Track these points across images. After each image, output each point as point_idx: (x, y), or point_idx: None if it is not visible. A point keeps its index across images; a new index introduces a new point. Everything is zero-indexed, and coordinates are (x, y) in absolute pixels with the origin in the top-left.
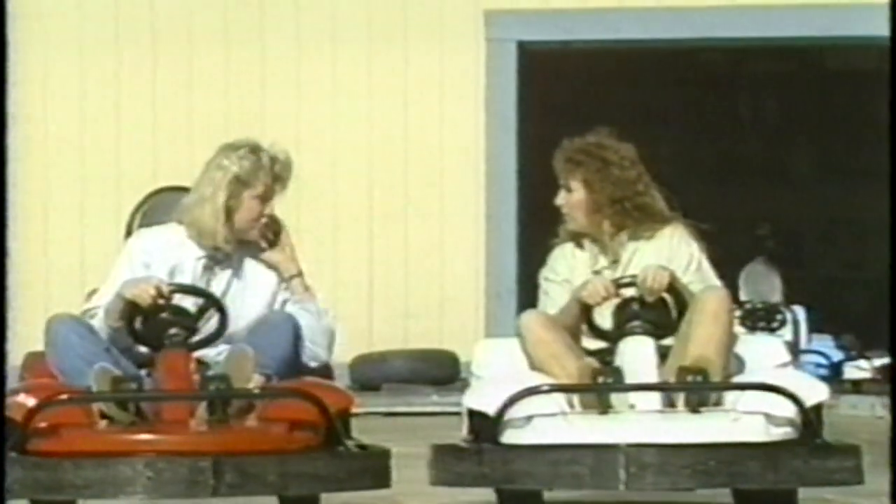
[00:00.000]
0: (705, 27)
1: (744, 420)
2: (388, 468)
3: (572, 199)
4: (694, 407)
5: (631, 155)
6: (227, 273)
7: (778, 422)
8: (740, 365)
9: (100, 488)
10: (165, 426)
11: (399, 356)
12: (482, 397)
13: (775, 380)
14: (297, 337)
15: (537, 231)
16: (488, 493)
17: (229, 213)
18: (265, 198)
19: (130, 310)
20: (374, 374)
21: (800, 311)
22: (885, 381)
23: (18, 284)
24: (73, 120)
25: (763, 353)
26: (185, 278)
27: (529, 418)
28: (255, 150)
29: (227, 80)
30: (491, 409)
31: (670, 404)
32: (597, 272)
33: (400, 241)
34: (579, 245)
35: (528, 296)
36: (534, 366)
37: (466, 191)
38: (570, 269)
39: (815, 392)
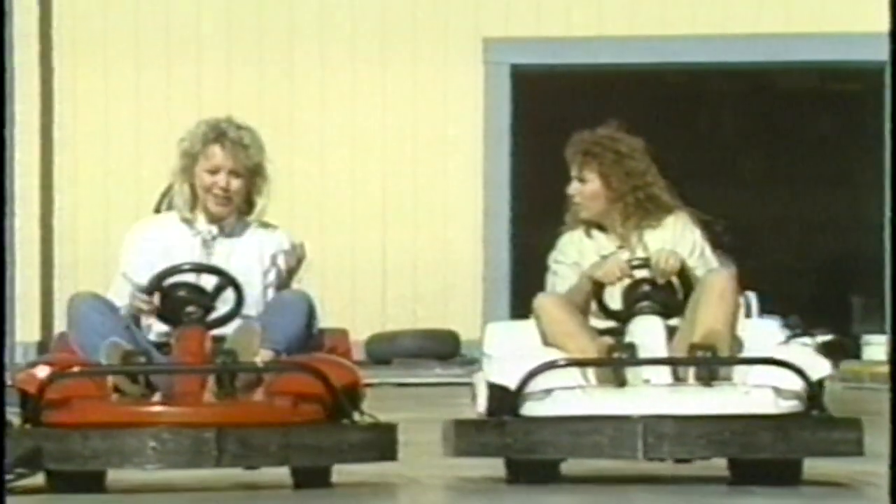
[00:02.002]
0: (671, 53)
1: (754, 393)
2: (395, 441)
3: (587, 189)
4: (705, 381)
5: (641, 147)
6: (222, 250)
7: (785, 395)
8: (740, 345)
9: (106, 458)
10: (173, 399)
11: (408, 335)
12: (503, 372)
13: (782, 356)
14: (310, 315)
15: (528, 227)
16: (494, 467)
17: (193, 188)
18: (215, 169)
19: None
20: (386, 349)
21: (752, 296)
22: (827, 356)
23: (82, 268)
24: (130, 125)
25: (762, 334)
26: (184, 259)
27: (549, 391)
28: (201, 123)
29: (260, 93)
30: (512, 383)
31: (680, 379)
32: (604, 257)
33: (409, 236)
34: (587, 232)
35: (519, 283)
36: (547, 343)
37: (467, 192)
38: (579, 254)
39: (818, 367)
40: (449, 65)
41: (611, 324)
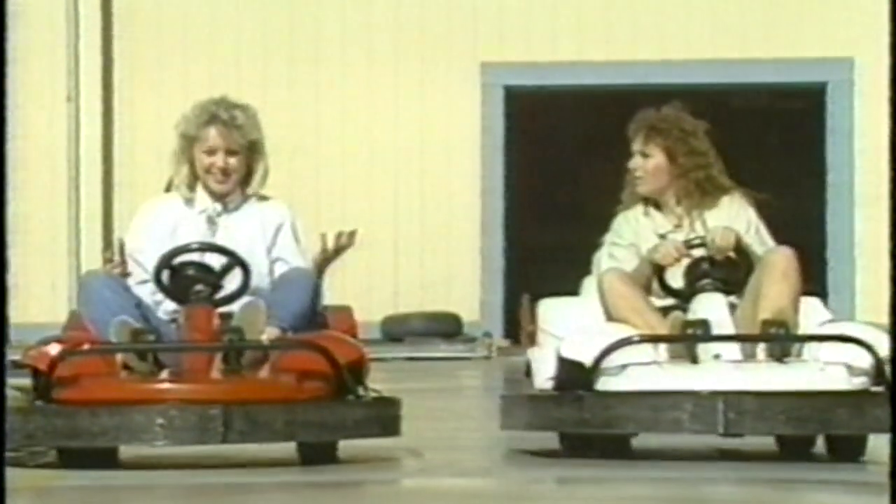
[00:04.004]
0: (642, 75)
1: (829, 370)
2: (398, 417)
3: (649, 164)
4: (777, 357)
5: (703, 129)
6: (226, 226)
7: (856, 372)
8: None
9: (115, 435)
10: (180, 376)
11: (417, 316)
12: (577, 347)
13: (851, 333)
14: (315, 293)
15: (520, 225)
16: (498, 442)
17: (193, 169)
18: (212, 150)
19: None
20: (398, 329)
21: None
22: None
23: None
24: None
25: (809, 312)
26: (190, 238)
27: (623, 367)
28: (195, 107)
29: (290, 110)
30: (587, 359)
31: (749, 355)
32: (662, 236)
33: (417, 232)
34: (644, 210)
35: (512, 273)
36: (611, 318)
37: (467, 195)
38: (634, 234)
39: (885, 344)
40: (451, 86)
41: (669, 302)
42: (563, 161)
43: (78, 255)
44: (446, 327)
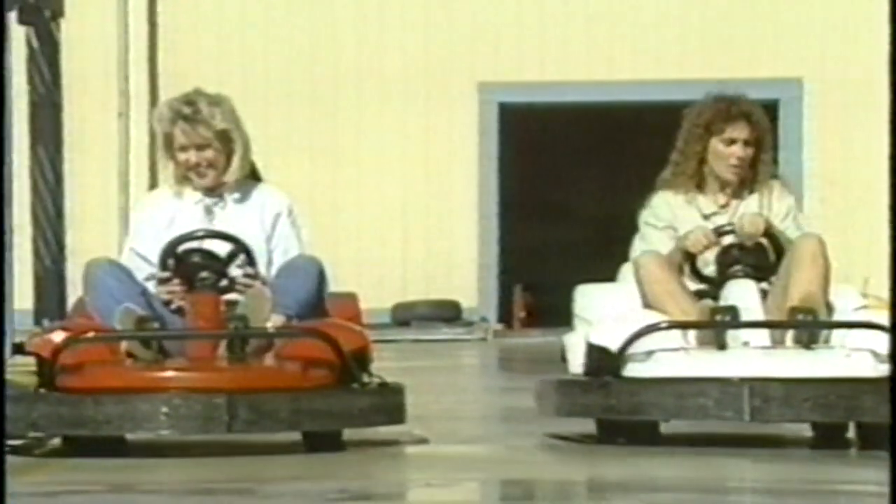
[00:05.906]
0: (618, 94)
1: (854, 357)
2: (403, 405)
3: (747, 152)
4: (805, 344)
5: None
6: (223, 216)
7: (882, 359)
8: (830, 309)
9: (119, 424)
10: (184, 364)
11: (423, 303)
12: (604, 333)
13: (879, 320)
14: (320, 280)
15: (512, 224)
16: (493, 413)
17: (178, 165)
18: (182, 147)
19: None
20: (406, 314)
21: None
22: None
23: None
24: None
25: (842, 298)
26: (185, 228)
27: (650, 353)
28: (163, 105)
29: (310, 127)
30: (614, 345)
31: (777, 342)
32: (706, 217)
33: (423, 230)
34: (687, 194)
35: (506, 266)
36: (647, 302)
37: (466, 198)
38: (672, 215)
39: None
40: (452, 103)
41: (701, 287)
42: (550, 167)
43: None
44: (448, 313)
